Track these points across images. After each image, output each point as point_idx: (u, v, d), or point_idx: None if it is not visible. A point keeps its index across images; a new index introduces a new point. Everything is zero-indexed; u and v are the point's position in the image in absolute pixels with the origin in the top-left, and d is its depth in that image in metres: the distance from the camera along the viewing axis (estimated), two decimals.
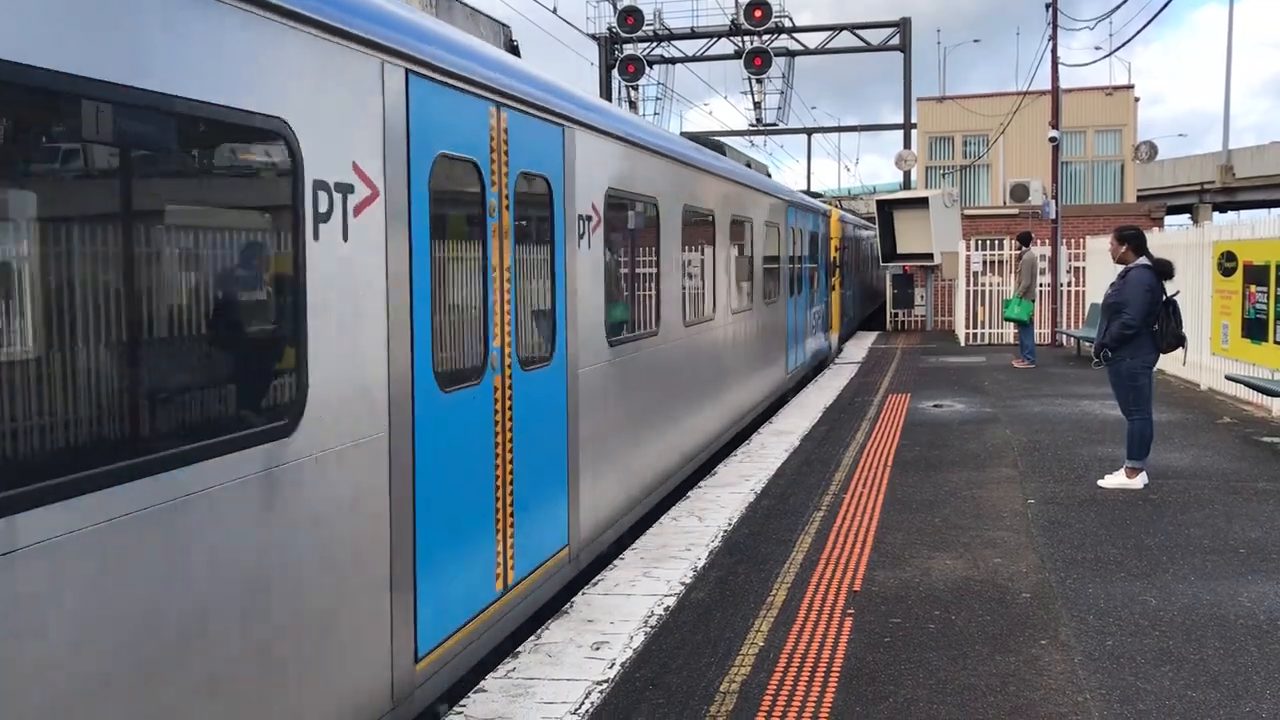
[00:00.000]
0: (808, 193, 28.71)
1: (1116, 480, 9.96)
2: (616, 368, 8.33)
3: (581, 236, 7.56)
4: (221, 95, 3.77)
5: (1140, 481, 9.91)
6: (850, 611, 6.70)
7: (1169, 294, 9.90)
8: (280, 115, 4.09)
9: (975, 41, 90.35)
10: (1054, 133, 24.79)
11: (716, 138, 16.33)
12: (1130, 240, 10.14)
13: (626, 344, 8.59)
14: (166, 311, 3.62)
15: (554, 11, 23.03)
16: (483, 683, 5.67)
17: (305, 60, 4.28)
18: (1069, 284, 26.10)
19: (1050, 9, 24.85)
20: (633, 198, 8.99)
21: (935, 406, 15.52)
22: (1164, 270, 9.90)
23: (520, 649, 6.16)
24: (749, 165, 16.03)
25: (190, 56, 3.62)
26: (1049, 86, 25.36)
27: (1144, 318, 9.68)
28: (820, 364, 21.61)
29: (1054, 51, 24.98)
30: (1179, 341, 9.89)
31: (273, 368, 4.23)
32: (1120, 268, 10.15)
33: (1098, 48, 72.49)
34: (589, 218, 7.75)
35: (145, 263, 3.50)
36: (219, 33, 3.77)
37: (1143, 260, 9.95)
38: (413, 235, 5.11)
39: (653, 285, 9.63)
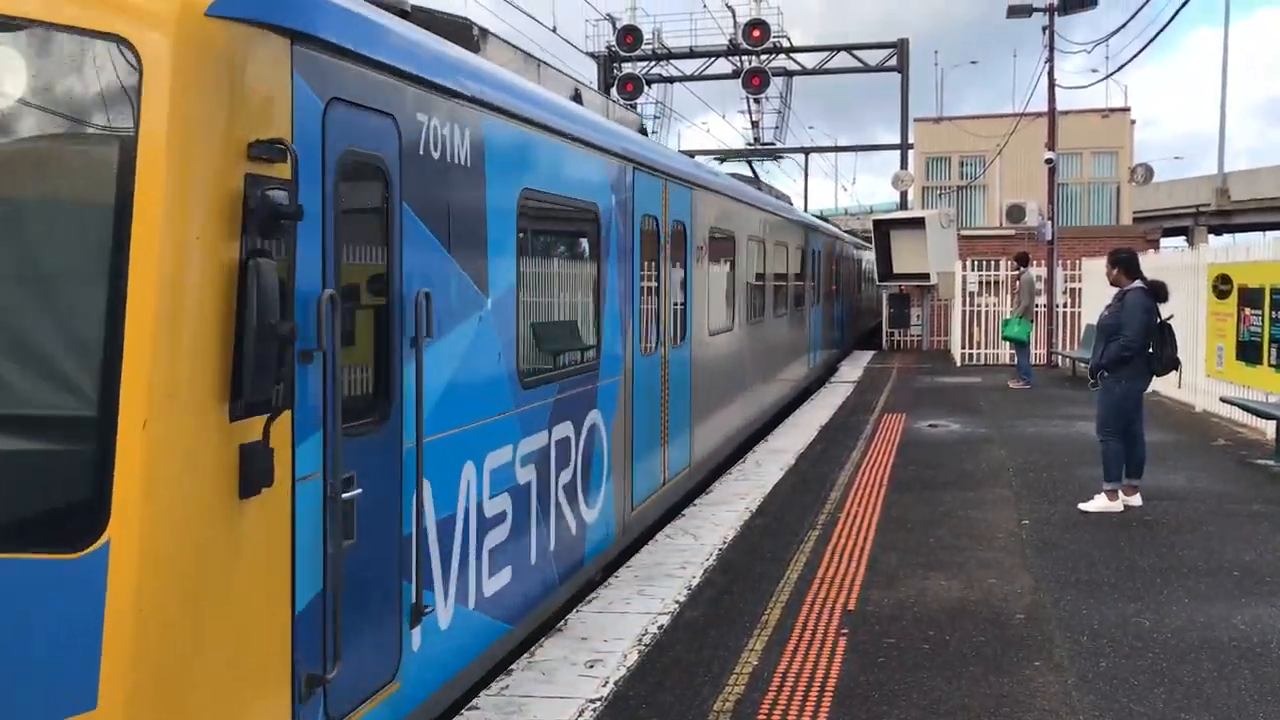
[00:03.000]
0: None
1: (1098, 504, 9.93)
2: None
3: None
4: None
5: (1121, 504, 9.91)
6: (845, 631, 6.70)
7: (1163, 317, 9.92)
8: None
9: (972, 63, 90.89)
10: (1050, 154, 24.88)
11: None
12: (1123, 263, 10.15)
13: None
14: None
15: (553, 30, 23.15)
16: (475, 700, 5.66)
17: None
18: (1065, 305, 26.16)
19: (1048, 32, 24.99)
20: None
21: (931, 427, 15.53)
22: (1159, 293, 9.92)
23: (514, 666, 6.15)
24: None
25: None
26: (1046, 108, 25.48)
27: (1142, 341, 9.70)
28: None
29: (1051, 74, 25.12)
30: (1174, 365, 9.91)
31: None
32: (1115, 290, 10.18)
33: (1094, 70, 73.01)
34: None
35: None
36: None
37: (1138, 283, 9.97)
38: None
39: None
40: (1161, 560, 8.26)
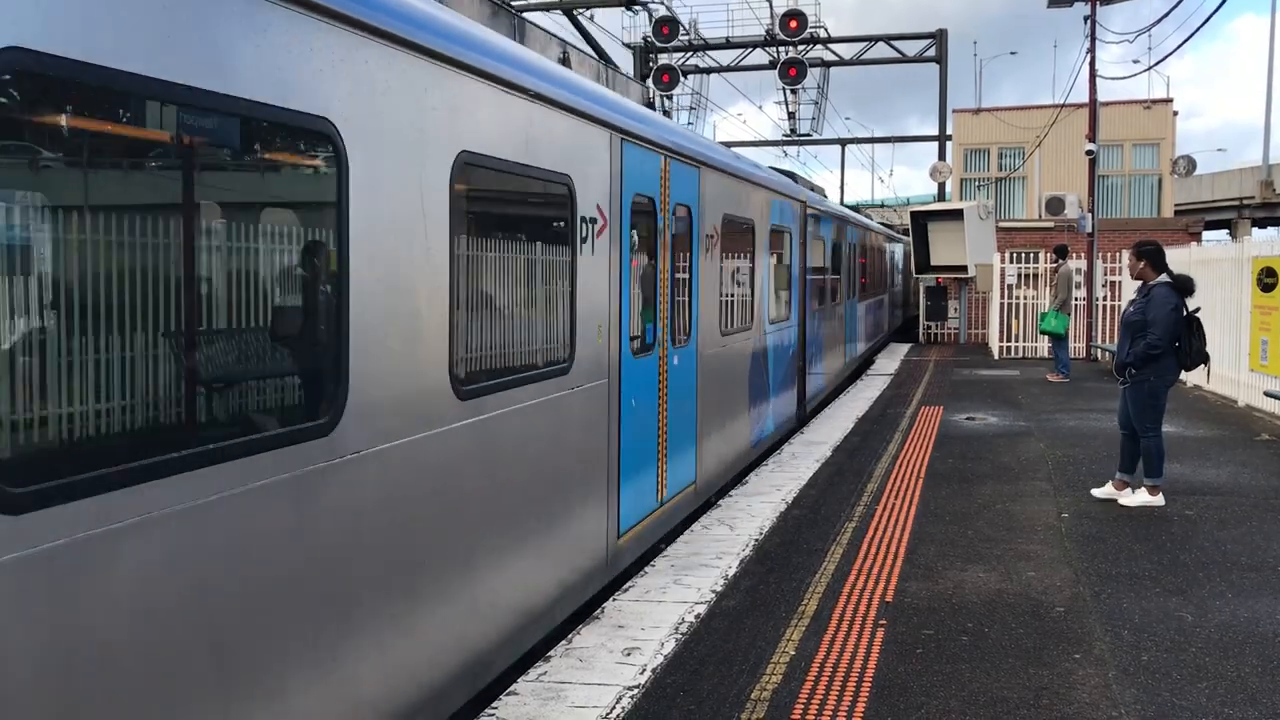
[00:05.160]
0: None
1: (1139, 499, 9.83)
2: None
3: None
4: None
5: (1162, 499, 9.80)
6: (882, 622, 6.68)
7: (1190, 310, 9.77)
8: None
9: (1012, 54, 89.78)
10: (1091, 146, 24.61)
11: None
12: (1149, 256, 9.92)
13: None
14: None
15: (590, 19, 23.11)
16: (514, 685, 5.69)
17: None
18: (1104, 298, 25.88)
19: (1089, 22, 24.70)
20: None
21: (968, 419, 15.43)
22: (1185, 287, 9.74)
23: (551, 653, 6.18)
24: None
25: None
26: (1086, 99, 25.20)
27: (1169, 337, 9.58)
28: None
29: (1092, 64, 24.83)
30: (1203, 359, 9.77)
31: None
32: (1139, 284, 10.05)
33: (1136, 61, 72.06)
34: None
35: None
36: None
37: (1164, 278, 9.81)
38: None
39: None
40: (1204, 555, 8.17)
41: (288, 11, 3.83)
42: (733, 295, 11.11)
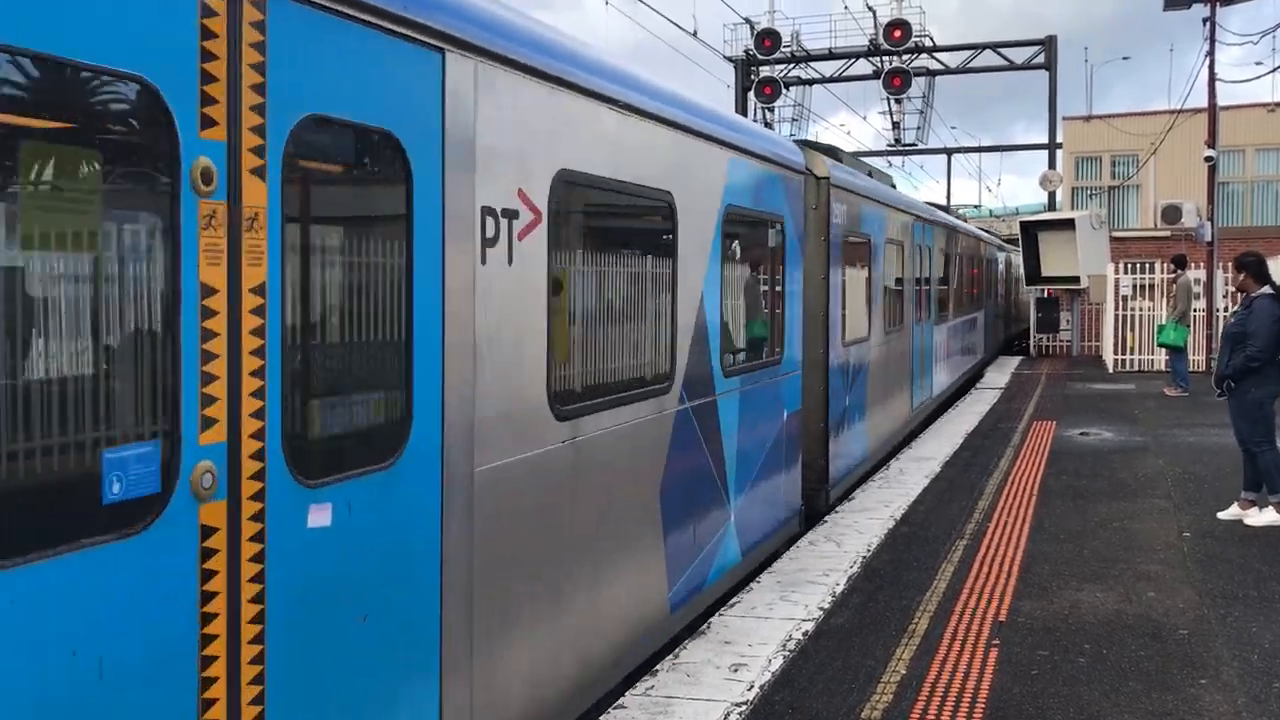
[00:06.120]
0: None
1: (1266, 518, 9.44)
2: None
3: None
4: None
5: None
6: (995, 642, 6.53)
7: None
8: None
9: (1124, 59, 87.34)
10: (1210, 152, 23.83)
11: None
12: (1250, 268, 9.72)
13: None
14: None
15: (694, 35, 23.21)
16: (622, 699, 5.70)
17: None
18: (1225, 309, 24.96)
19: (1208, 24, 23.93)
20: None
21: (1082, 434, 15.02)
22: None
23: (658, 667, 6.18)
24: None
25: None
26: (1205, 104, 24.39)
27: (1271, 349, 9.28)
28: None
29: (1211, 67, 24.05)
30: None
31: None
32: (1242, 296, 9.79)
33: (1259, 63, 69.50)
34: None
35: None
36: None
37: (1266, 290, 9.53)
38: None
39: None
40: None
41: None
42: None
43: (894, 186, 15.47)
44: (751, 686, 5.87)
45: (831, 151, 11.42)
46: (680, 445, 6.56)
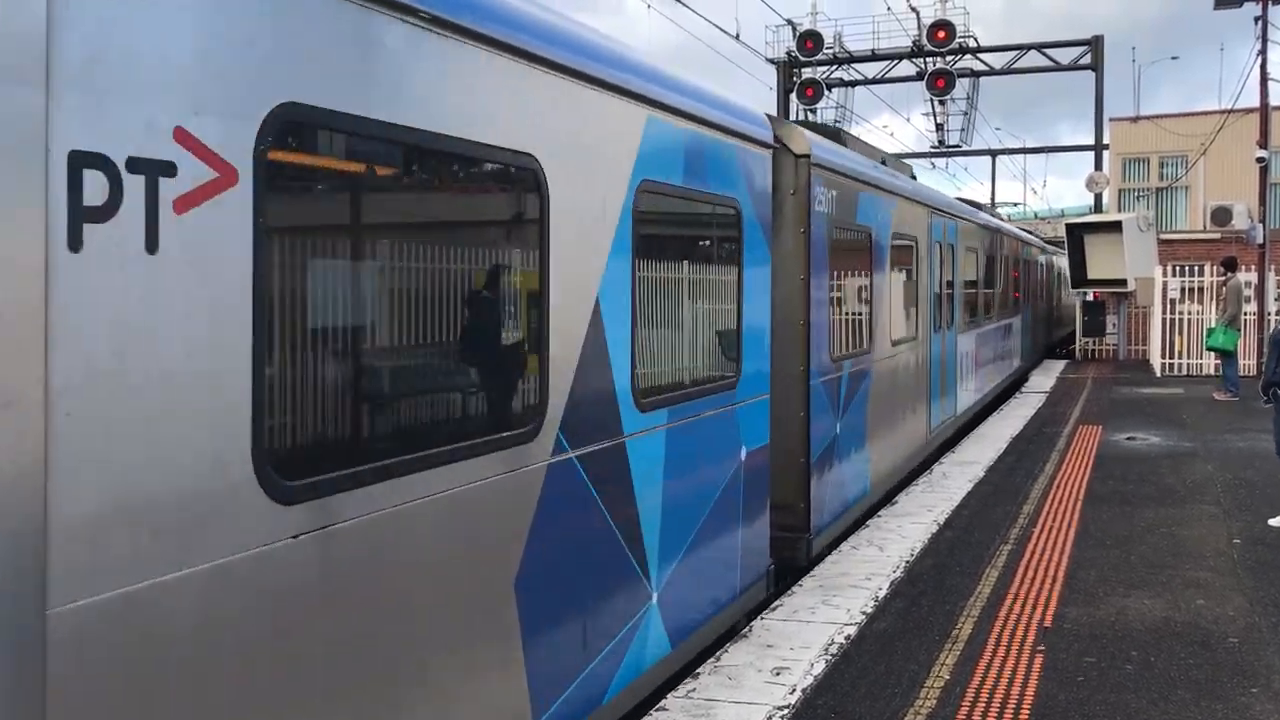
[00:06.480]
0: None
1: None
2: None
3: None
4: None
5: None
6: (1041, 648, 6.47)
7: None
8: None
9: (1173, 59, 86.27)
10: (1262, 152, 23.48)
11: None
12: None
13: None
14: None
15: (736, 38, 23.19)
16: (663, 701, 5.71)
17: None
18: (1277, 312, 24.57)
19: (1259, 22, 23.57)
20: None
21: (1129, 439, 14.83)
22: None
23: (700, 670, 6.17)
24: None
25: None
26: (1256, 103, 24.02)
27: None
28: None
29: (1263, 66, 23.70)
30: None
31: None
32: None
33: None
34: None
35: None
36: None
37: None
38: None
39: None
40: None
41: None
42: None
43: (914, 178, 13.65)
44: (793, 690, 5.85)
45: (833, 133, 10.24)
46: (554, 514, 4.63)
